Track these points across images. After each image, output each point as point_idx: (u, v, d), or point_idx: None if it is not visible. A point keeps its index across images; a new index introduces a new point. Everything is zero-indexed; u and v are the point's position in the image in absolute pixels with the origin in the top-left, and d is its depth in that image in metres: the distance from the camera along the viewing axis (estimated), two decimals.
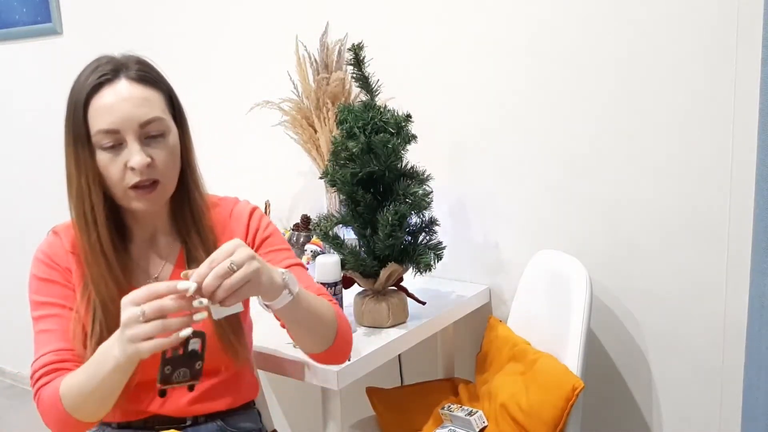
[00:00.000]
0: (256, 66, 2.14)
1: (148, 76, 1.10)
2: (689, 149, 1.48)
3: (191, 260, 1.17)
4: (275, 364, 1.37)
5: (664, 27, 1.47)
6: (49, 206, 2.75)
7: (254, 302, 1.32)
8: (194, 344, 0.98)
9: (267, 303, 1.02)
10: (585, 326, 1.38)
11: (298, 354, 1.35)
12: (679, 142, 1.49)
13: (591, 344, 1.65)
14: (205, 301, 0.90)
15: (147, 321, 0.89)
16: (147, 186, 1.08)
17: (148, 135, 1.08)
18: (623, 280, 1.61)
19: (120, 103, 1.05)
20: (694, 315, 1.53)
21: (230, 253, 0.92)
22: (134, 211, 1.14)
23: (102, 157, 1.07)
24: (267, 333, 1.43)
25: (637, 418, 1.65)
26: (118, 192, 1.09)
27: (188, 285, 0.89)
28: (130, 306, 0.91)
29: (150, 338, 0.90)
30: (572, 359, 1.36)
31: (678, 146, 1.49)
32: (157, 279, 1.18)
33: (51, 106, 2.66)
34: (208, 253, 1.17)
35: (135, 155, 1.05)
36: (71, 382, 1.02)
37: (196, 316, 0.92)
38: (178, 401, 1.19)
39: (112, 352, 0.95)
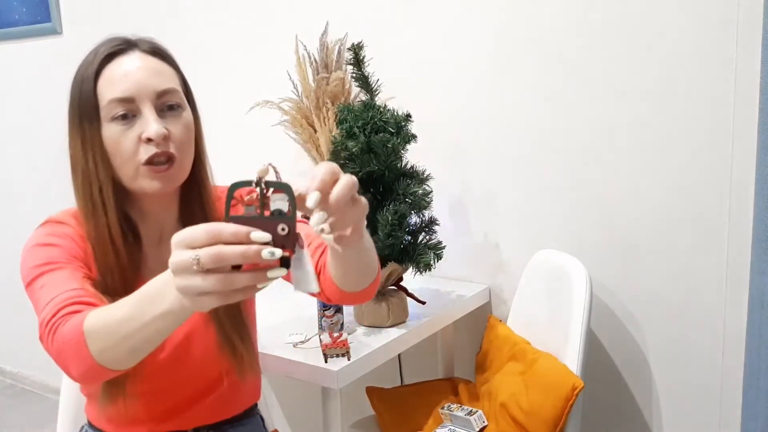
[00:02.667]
0: (256, 66, 2.14)
1: (162, 51, 1.05)
2: (689, 149, 1.48)
3: None
4: (275, 364, 1.37)
5: (664, 27, 1.47)
6: (49, 206, 2.75)
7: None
8: (278, 201, 0.68)
9: (352, 241, 0.79)
10: (585, 326, 1.38)
11: (298, 354, 1.35)
12: (679, 142, 1.49)
13: (591, 344, 1.65)
14: (278, 252, 0.65)
15: (203, 271, 0.65)
16: (162, 163, 0.99)
17: (164, 106, 1.00)
18: (623, 279, 1.61)
19: (135, 71, 0.98)
20: (694, 315, 1.53)
21: (334, 173, 0.71)
22: (143, 201, 1.05)
23: (112, 131, 0.98)
24: (267, 333, 1.44)
25: (637, 418, 1.65)
26: (129, 170, 0.99)
27: (264, 236, 0.66)
28: (181, 248, 0.66)
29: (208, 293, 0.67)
30: (572, 359, 1.36)
31: (678, 146, 1.49)
32: None
33: (51, 105, 2.66)
34: None
35: (152, 124, 0.96)
36: (102, 317, 0.80)
37: (270, 273, 0.67)
38: (178, 413, 1.13)
39: (166, 294, 0.72)
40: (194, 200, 1.09)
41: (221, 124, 2.25)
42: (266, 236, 0.66)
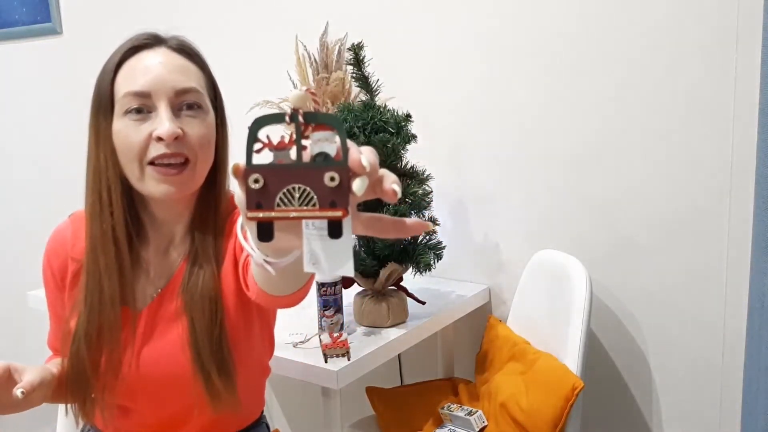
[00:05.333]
0: (256, 66, 2.14)
1: (192, 50, 1.01)
2: (689, 149, 1.48)
3: (195, 263, 0.99)
4: (275, 364, 1.37)
5: (664, 27, 1.47)
6: (48, 206, 2.75)
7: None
8: (322, 142, 0.48)
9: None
10: (585, 326, 1.38)
11: (298, 354, 1.35)
12: (679, 142, 1.49)
13: (591, 344, 1.65)
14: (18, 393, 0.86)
15: None
16: (173, 165, 0.92)
17: (182, 105, 0.94)
18: (623, 279, 1.61)
19: (156, 65, 0.93)
20: (694, 315, 1.53)
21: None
22: (153, 206, 1.00)
23: (123, 125, 0.92)
24: None
25: (637, 418, 1.65)
26: (136, 170, 0.93)
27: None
28: None
29: None
30: (572, 359, 1.36)
31: (678, 146, 1.49)
32: (162, 291, 1.03)
33: (51, 105, 2.66)
34: (218, 264, 0.99)
35: (165, 122, 0.91)
36: None
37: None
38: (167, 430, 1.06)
39: None
40: (209, 213, 1.02)
41: None
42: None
